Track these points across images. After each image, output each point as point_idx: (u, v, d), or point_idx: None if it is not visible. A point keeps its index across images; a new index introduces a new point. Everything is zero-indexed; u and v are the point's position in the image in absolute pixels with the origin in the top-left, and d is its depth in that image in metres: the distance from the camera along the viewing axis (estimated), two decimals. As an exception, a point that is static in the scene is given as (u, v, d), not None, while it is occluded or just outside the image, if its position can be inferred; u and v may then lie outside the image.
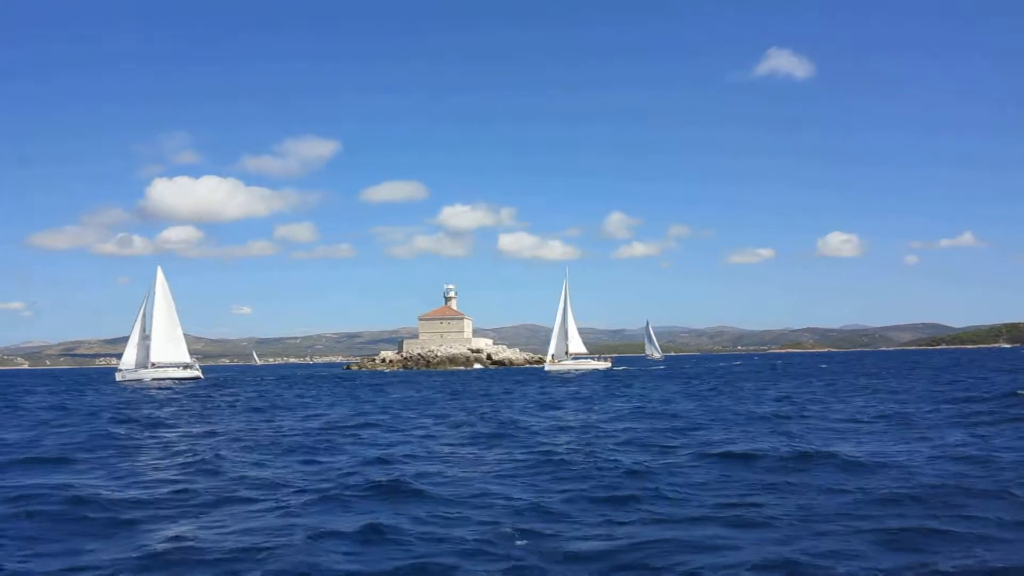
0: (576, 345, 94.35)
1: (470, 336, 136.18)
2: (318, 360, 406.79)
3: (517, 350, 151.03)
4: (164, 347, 76.70)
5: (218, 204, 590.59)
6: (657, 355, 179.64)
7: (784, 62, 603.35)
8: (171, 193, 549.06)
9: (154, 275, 77.74)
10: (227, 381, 79.44)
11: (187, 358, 79.25)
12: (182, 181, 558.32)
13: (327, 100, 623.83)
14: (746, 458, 15.66)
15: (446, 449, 18.75)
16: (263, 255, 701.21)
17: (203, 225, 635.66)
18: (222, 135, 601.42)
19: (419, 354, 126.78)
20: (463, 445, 19.56)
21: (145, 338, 76.36)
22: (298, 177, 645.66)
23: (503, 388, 51.38)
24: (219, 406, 37.10)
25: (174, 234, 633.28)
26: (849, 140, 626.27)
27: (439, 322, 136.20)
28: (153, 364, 76.11)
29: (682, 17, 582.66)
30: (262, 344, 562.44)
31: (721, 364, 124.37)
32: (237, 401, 41.25)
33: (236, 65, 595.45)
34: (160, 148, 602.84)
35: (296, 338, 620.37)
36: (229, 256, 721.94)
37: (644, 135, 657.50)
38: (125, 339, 79.50)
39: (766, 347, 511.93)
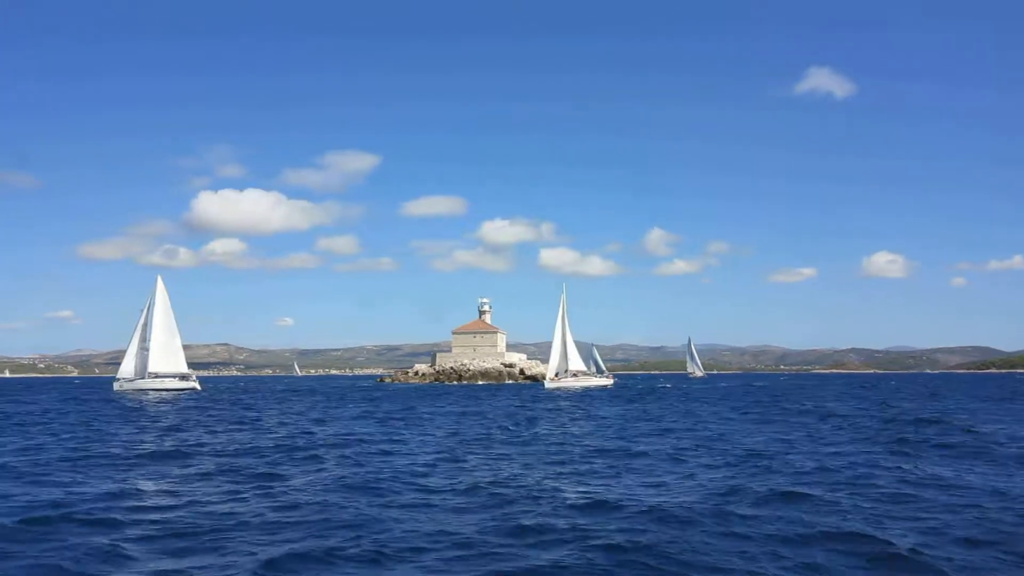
0: (576, 362, 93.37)
1: (503, 350, 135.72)
2: (359, 372, 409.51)
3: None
4: (162, 357, 75.97)
5: (261, 217, 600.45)
6: (699, 372, 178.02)
7: (824, 81, 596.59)
8: (216, 206, 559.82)
9: (154, 285, 76.89)
10: (219, 394, 74.00)
11: (185, 368, 78.18)
12: (227, 194, 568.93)
13: (368, 114, 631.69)
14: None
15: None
16: (305, 267, 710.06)
17: (247, 237, 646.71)
18: (265, 148, 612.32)
19: (451, 368, 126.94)
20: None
21: (143, 348, 75.75)
22: (338, 191, 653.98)
23: (501, 404, 49.18)
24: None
25: (219, 246, 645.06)
26: (893, 159, 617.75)
27: (472, 336, 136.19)
28: (151, 374, 75.28)
29: (723, 34, 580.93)
30: (304, 356, 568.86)
31: (723, 384, 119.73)
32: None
33: (278, 78, 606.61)
34: (205, 161, 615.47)
35: (338, 350, 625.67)
36: (272, 268, 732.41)
37: (684, 151, 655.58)
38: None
39: (810, 367, 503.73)
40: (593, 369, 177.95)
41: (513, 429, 28.99)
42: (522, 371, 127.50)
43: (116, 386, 76.63)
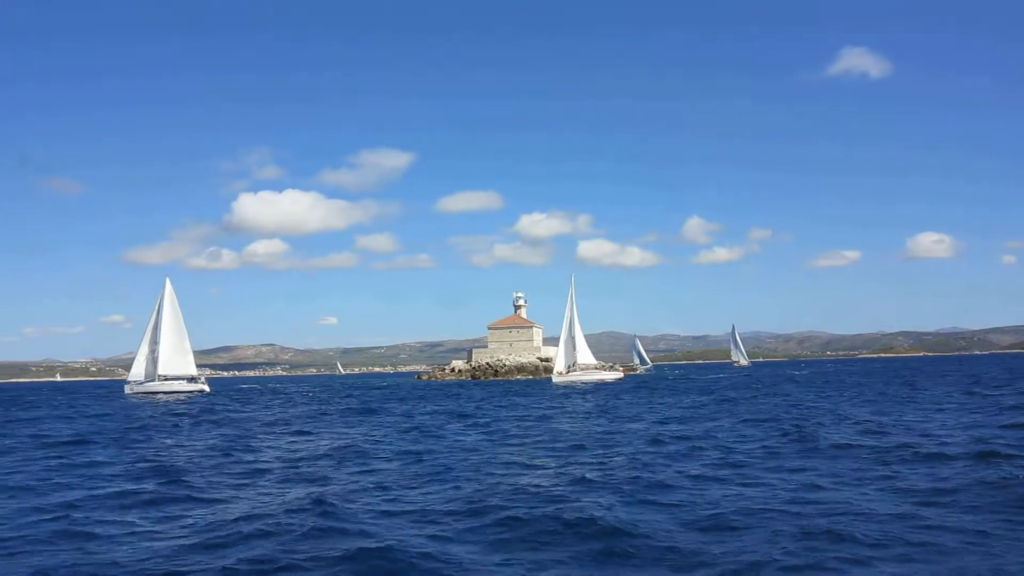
0: (584, 356, 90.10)
1: (540, 345, 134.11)
2: (401, 369, 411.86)
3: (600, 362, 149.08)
4: (172, 359, 75.53)
5: (300, 217, 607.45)
6: (744, 361, 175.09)
7: (859, 61, 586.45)
8: (256, 207, 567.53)
9: (162, 287, 76.62)
10: (228, 396, 72.30)
11: (194, 371, 77.80)
12: (266, 195, 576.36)
13: (400, 112, 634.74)
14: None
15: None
16: (345, 266, 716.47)
17: (287, 238, 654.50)
18: (301, 149, 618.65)
19: (487, 363, 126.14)
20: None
21: (153, 351, 75.47)
22: (374, 189, 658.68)
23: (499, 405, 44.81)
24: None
25: (261, 247, 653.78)
26: (933, 138, 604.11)
27: (508, 331, 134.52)
28: (161, 376, 75.30)
29: (752, 19, 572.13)
30: (347, 354, 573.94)
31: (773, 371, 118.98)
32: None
33: (310, 79, 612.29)
34: (243, 164, 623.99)
35: (381, 348, 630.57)
36: (313, 267, 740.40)
37: (717, 139, 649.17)
38: (217, 350, 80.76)
39: (857, 352, 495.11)
40: (637, 361, 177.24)
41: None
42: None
43: (127, 389, 76.74)
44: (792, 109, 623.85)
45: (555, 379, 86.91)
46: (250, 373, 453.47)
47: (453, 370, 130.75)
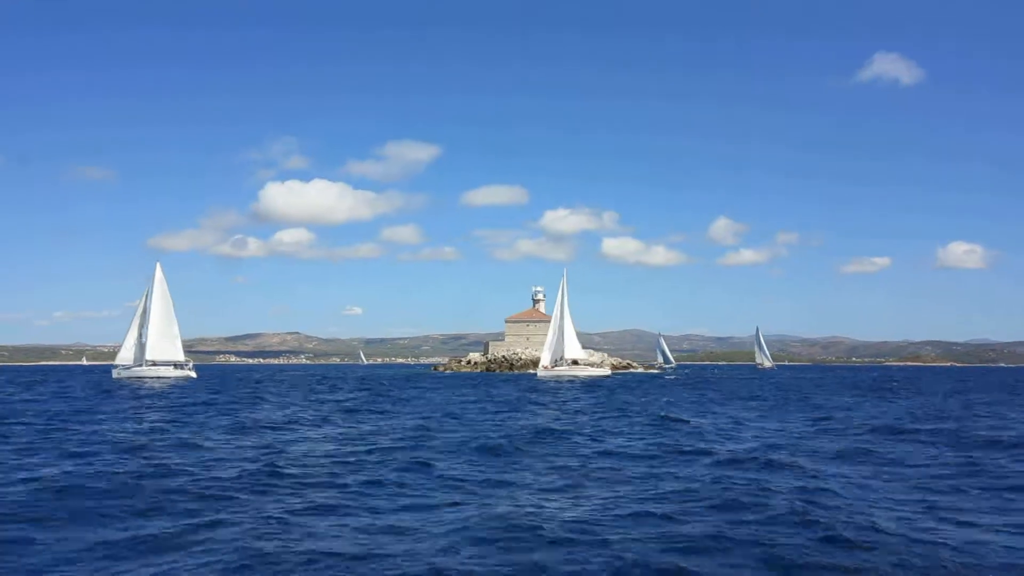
0: (573, 350, 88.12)
1: None
2: (424, 360, 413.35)
3: (605, 355, 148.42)
4: (160, 345, 75.12)
5: (327, 207, 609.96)
6: (768, 364, 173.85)
7: (890, 67, 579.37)
8: (283, 196, 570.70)
9: (152, 272, 75.82)
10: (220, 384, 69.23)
11: (182, 357, 77.25)
12: (293, 185, 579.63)
13: (427, 104, 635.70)
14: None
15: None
16: (371, 257, 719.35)
17: (314, 227, 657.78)
18: (327, 140, 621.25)
19: (503, 356, 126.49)
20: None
21: (142, 336, 75.04)
22: (399, 180, 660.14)
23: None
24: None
25: (287, 236, 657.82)
26: (965, 146, 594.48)
27: (525, 324, 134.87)
28: (148, 362, 74.77)
29: (781, 22, 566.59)
30: (371, 344, 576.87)
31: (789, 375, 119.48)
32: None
33: (337, 68, 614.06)
34: (269, 153, 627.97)
35: (404, 339, 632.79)
36: (339, 257, 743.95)
37: (748, 139, 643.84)
38: (243, 337, 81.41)
39: (883, 359, 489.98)
40: (660, 360, 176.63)
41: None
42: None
43: (114, 373, 76.23)
44: (822, 114, 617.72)
45: (540, 373, 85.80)
46: (274, 361, 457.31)
47: (469, 362, 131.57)
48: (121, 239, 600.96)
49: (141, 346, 74.79)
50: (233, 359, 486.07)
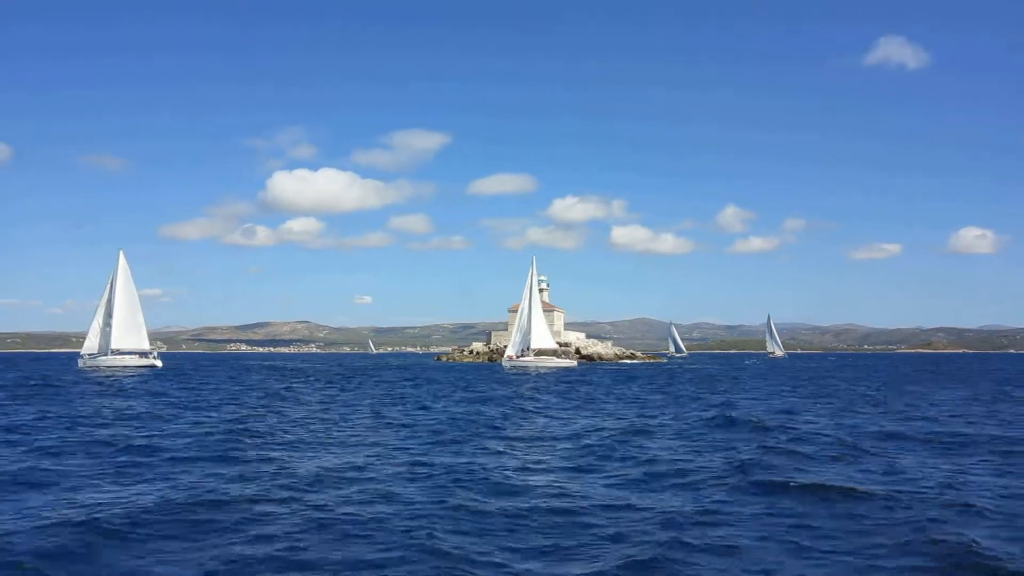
0: (541, 340, 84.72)
1: (560, 329, 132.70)
2: (434, 349, 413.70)
3: (609, 344, 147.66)
4: (125, 334, 74.22)
5: (336, 196, 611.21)
6: (779, 352, 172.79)
7: (896, 51, 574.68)
8: (291, 185, 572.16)
9: (116, 260, 74.82)
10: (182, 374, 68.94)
11: (147, 345, 76.18)
12: (301, 173, 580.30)
13: (434, 94, 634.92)
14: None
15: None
16: (380, 246, 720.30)
17: (323, 216, 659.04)
18: (334, 129, 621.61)
19: (505, 346, 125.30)
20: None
21: (107, 325, 73.97)
22: (407, 169, 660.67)
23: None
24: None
25: (296, 225, 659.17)
26: (971, 132, 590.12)
27: None
28: (114, 351, 73.92)
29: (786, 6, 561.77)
30: (381, 334, 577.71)
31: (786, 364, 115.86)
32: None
33: (344, 59, 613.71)
34: (276, 142, 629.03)
35: (415, 328, 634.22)
36: (348, 246, 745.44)
37: (754, 127, 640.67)
38: (253, 326, 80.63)
39: (895, 347, 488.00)
40: (672, 349, 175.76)
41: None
42: (578, 350, 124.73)
43: (80, 363, 75.81)
44: (828, 99, 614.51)
45: (505, 364, 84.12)
46: (285, 350, 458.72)
47: (472, 352, 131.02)
48: (131, 228, 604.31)
49: (106, 335, 74.04)
50: (244, 347, 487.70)
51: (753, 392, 42.31)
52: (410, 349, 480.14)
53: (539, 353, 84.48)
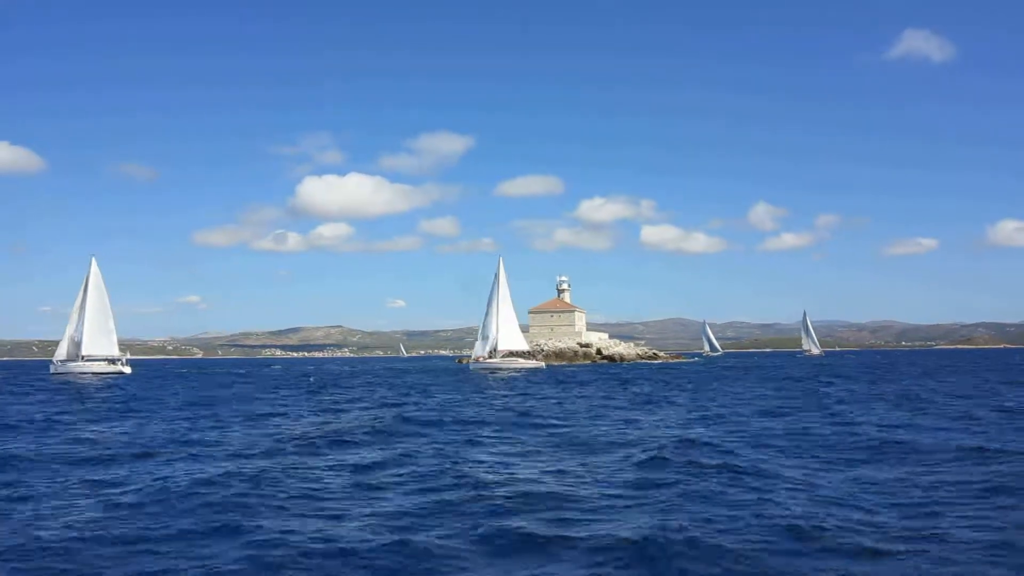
0: (509, 341, 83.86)
1: (582, 330, 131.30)
2: (466, 351, 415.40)
3: (632, 344, 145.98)
4: (96, 340, 74.18)
5: (365, 200, 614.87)
6: (816, 350, 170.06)
7: (921, 44, 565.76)
8: (320, 191, 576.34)
9: (88, 265, 74.98)
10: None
11: (116, 352, 75.91)
12: (330, 179, 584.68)
13: (458, 95, 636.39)
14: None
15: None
16: (410, 250, 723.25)
17: (352, 221, 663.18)
18: (360, 134, 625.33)
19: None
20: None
21: (78, 330, 74.06)
22: (433, 173, 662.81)
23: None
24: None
25: (326, 230, 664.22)
26: (1001, 125, 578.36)
27: (549, 315, 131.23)
28: (84, 357, 73.86)
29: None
30: (413, 337, 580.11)
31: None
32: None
33: (368, 63, 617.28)
34: (303, 148, 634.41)
35: (447, 331, 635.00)
36: (378, 251, 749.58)
37: (781, 124, 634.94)
38: (287, 331, 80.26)
39: (933, 343, 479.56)
40: (707, 348, 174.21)
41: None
42: (599, 351, 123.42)
43: (52, 368, 75.83)
44: (852, 94, 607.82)
45: (472, 365, 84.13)
46: (318, 354, 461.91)
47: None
48: (165, 235, 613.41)
49: (76, 342, 74.19)
50: (279, 353, 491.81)
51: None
52: (442, 352, 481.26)
53: (509, 355, 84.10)
